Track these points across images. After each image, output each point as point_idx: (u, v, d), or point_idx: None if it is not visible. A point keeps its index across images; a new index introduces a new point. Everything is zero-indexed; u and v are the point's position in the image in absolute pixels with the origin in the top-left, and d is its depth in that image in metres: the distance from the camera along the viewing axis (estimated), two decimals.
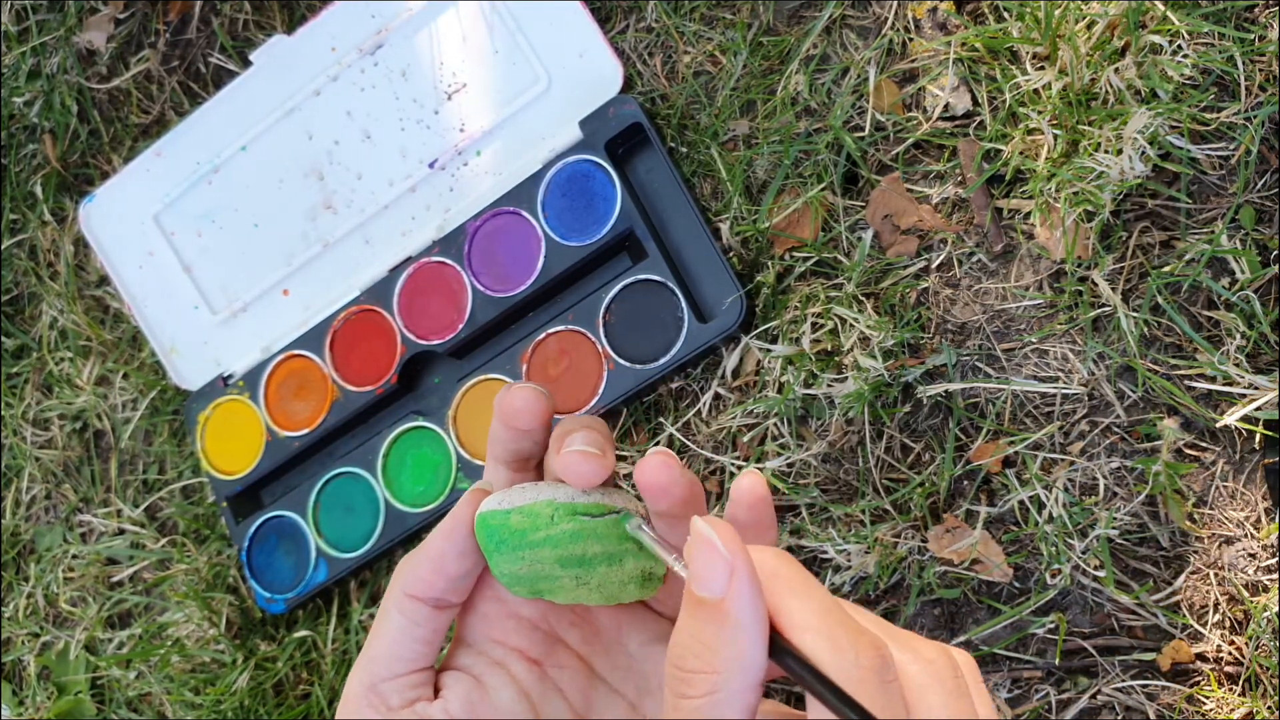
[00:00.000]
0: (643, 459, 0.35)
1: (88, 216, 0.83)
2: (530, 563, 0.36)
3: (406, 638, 0.38)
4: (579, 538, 0.36)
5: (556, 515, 0.35)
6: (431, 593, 0.38)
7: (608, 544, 0.36)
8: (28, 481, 0.88)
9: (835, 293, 0.66)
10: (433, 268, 0.74)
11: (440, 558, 0.38)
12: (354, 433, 0.78)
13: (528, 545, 0.36)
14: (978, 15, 0.65)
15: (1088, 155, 0.59)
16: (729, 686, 0.29)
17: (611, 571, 0.37)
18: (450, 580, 0.38)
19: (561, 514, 0.35)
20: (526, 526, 0.36)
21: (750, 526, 0.35)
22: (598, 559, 0.36)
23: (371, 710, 0.37)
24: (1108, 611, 0.60)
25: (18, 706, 0.86)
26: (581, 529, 0.36)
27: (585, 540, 0.36)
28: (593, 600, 0.38)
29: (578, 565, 0.36)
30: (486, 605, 0.39)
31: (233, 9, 0.85)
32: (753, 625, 0.28)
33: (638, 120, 0.69)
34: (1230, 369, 0.57)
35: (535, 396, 0.37)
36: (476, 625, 0.39)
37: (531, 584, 0.37)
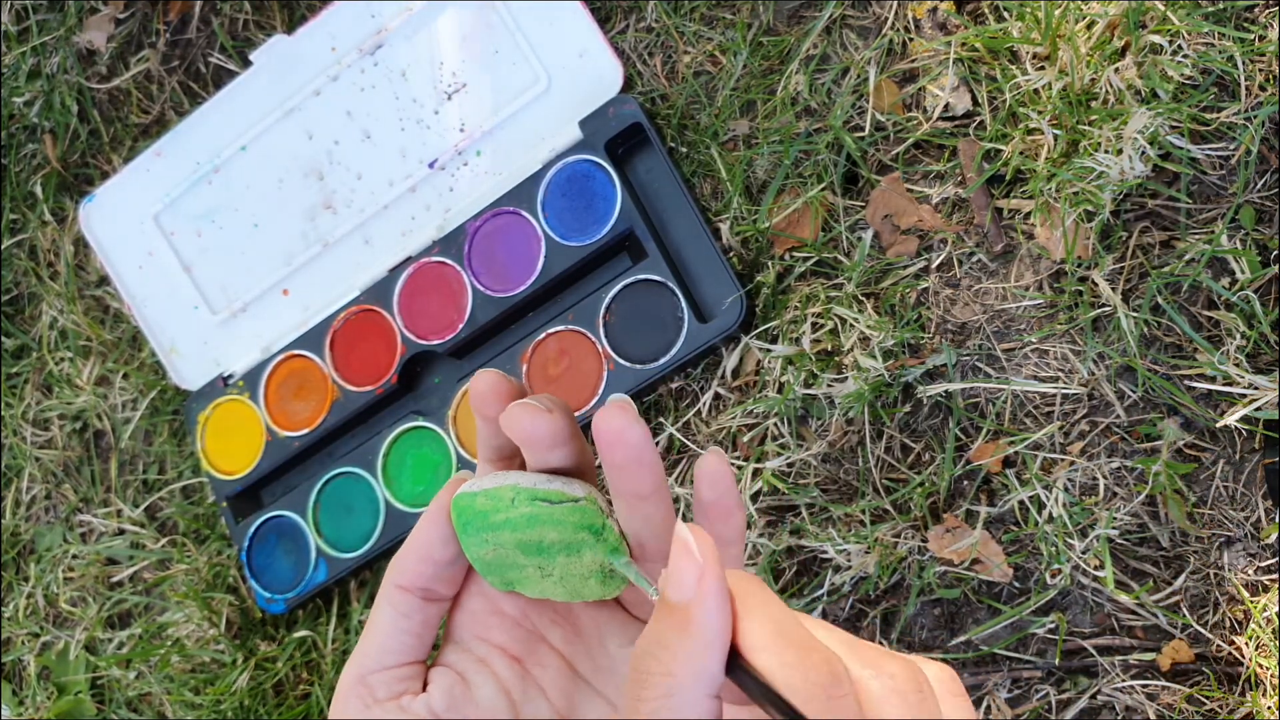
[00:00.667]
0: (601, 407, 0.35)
1: (88, 216, 0.83)
2: (494, 546, 0.37)
3: (395, 630, 0.38)
4: (535, 522, 0.36)
5: (517, 499, 0.36)
6: (419, 581, 0.38)
7: (564, 532, 0.36)
8: (28, 481, 0.88)
9: (835, 293, 0.66)
10: (433, 268, 0.74)
11: (425, 544, 0.38)
12: (354, 433, 0.78)
13: (490, 527, 0.37)
14: (978, 15, 0.65)
15: (1088, 155, 0.59)
16: (684, 692, 0.29)
17: (570, 563, 0.37)
18: (436, 567, 0.38)
19: (522, 498, 0.36)
20: (489, 508, 0.36)
21: (715, 504, 0.36)
22: (555, 547, 0.37)
23: (359, 702, 0.38)
24: (1108, 611, 0.60)
25: (18, 706, 0.86)
26: (538, 514, 0.36)
27: (542, 526, 0.36)
28: (559, 595, 0.38)
29: (538, 553, 0.37)
30: (472, 601, 0.40)
31: (233, 9, 0.85)
32: (714, 635, 0.29)
33: (638, 120, 0.69)
34: (1230, 369, 0.57)
35: (497, 380, 0.38)
36: (463, 622, 0.40)
37: (501, 572, 0.38)
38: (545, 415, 0.36)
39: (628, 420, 0.35)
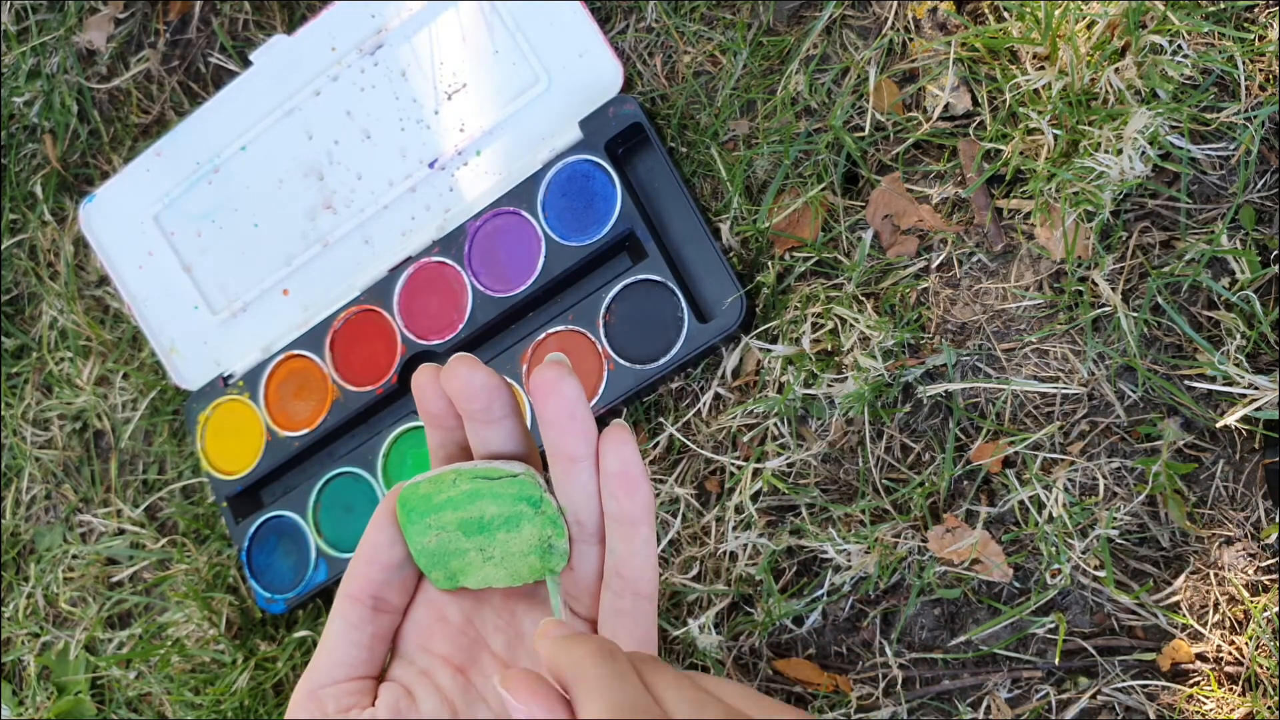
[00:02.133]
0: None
1: (88, 216, 0.83)
2: (437, 531, 0.38)
3: (345, 642, 0.39)
4: (476, 497, 0.37)
5: (459, 479, 0.37)
6: (368, 588, 0.39)
7: (503, 504, 0.37)
8: (28, 481, 0.88)
9: (835, 293, 0.66)
10: (433, 268, 0.74)
11: (372, 548, 0.39)
12: (354, 433, 0.78)
13: (433, 509, 0.38)
14: (978, 15, 0.65)
15: (1088, 155, 0.59)
16: None
17: (510, 539, 0.38)
18: (385, 571, 0.39)
19: (463, 477, 0.37)
20: (431, 492, 0.38)
21: (620, 475, 0.36)
22: (496, 522, 0.38)
23: (307, 715, 0.38)
24: (1108, 611, 0.60)
25: (18, 706, 0.86)
26: (479, 489, 0.37)
27: (482, 499, 0.37)
28: (501, 579, 0.39)
29: (479, 531, 0.38)
30: (417, 611, 0.40)
31: (233, 9, 0.85)
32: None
33: (638, 120, 0.69)
34: (1230, 369, 0.57)
35: (436, 373, 0.39)
36: (408, 633, 0.40)
37: (444, 562, 0.39)
38: (482, 368, 0.36)
39: (561, 373, 0.36)
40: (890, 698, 0.62)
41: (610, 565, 0.38)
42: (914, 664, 0.63)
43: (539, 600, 0.40)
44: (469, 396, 0.37)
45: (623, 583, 0.38)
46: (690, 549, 0.68)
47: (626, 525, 0.37)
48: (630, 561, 0.37)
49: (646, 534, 0.37)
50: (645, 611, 0.38)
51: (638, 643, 0.38)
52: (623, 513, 0.37)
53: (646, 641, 0.38)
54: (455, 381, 0.37)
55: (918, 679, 0.63)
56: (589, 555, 0.39)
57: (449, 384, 0.37)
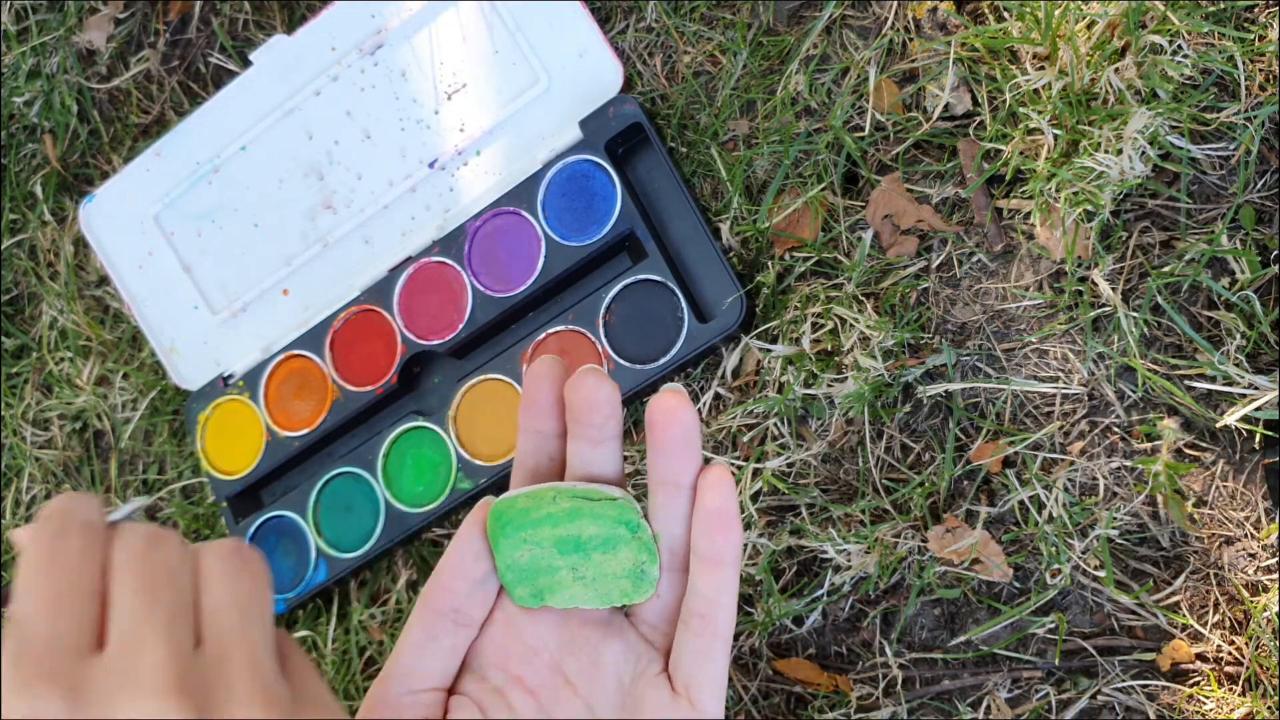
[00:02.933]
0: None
1: (88, 216, 0.83)
2: (530, 546, 0.38)
3: (422, 654, 0.38)
4: (576, 515, 0.37)
5: (559, 496, 0.37)
6: (450, 600, 0.38)
7: (603, 526, 0.37)
8: (28, 481, 0.88)
9: (835, 293, 0.66)
10: (433, 268, 0.74)
11: (458, 559, 0.39)
12: (354, 433, 0.78)
13: (530, 524, 0.37)
14: (978, 15, 0.65)
15: (1088, 155, 0.59)
16: None
17: (605, 560, 0.38)
18: (469, 584, 0.38)
19: (563, 496, 0.37)
20: (530, 506, 0.37)
21: (717, 512, 0.36)
22: (593, 542, 0.37)
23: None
24: (1108, 611, 0.60)
25: None
26: (579, 508, 0.37)
27: (582, 519, 0.37)
28: (589, 600, 0.38)
29: (575, 549, 0.38)
30: (494, 627, 0.40)
31: (233, 9, 0.85)
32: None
33: (638, 120, 0.69)
34: (1230, 369, 0.57)
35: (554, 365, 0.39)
36: (484, 649, 0.40)
37: (533, 579, 0.38)
38: (609, 382, 0.36)
39: (682, 401, 0.36)
40: (890, 698, 0.62)
41: (691, 604, 0.38)
42: (914, 664, 0.63)
43: (616, 630, 0.40)
44: (591, 409, 0.37)
45: (703, 623, 0.38)
46: None
47: (714, 565, 0.37)
48: (713, 601, 0.37)
49: (731, 575, 0.37)
50: (720, 654, 0.38)
51: (712, 683, 0.38)
52: (714, 552, 0.37)
53: (718, 681, 0.38)
54: (581, 391, 0.37)
55: (918, 679, 0.63)
56: (676, 585, 0.39)
57: (574, 392, 0.37)
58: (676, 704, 0.38)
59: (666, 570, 0.38)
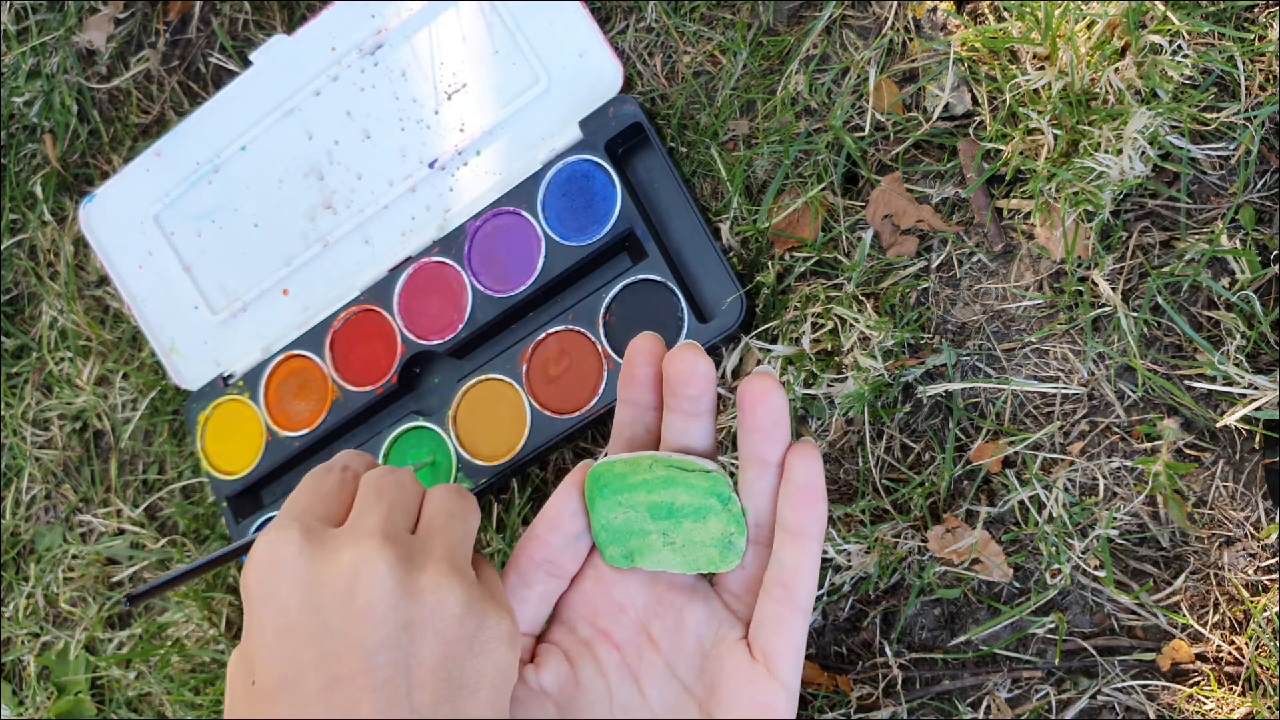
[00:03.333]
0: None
1: (88, 216, 0.83)
2: (625, 509, 0.39)
3: (515, 599, 0.41)
4: (671, 483, 0.39)
5: (655, 464, 0.39)
6: (545, 551, 0.41)
7: (695, 496, 0.39)
8: (28, 481, 0.88)
9: (835, 293, 0.66)
10: (433, 268, 0.74)
11: (555, 515, 0.41)
12: (354, 433, 0.78)
13: (626, 488, 0.39)
14: (978, 15, 0.65)
15: (1088, 155, 0.59)
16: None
17: (696, 528, 0.39)
18: (564, 538, 0.41)
19: (659, 464, 0.39)
20: (627, 471, 0.39)
21: (804, 488, 0.38)
22: (685, 510, 0.39)
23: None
24: (1108, 611, 0.60)
25: (18, 706, 0.86)
26: (674, 477, 0.39)
27: (676, 487, 0.39)
28: (677, 565, 0.40)
29: (667, 515, 0.39)
30: (586, 583, 0.42)
31: (233, 9, 0.85)
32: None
33: (638, 120, 0.69)
34: (1230, 369, 0.57)
35: (655, 342, 0.42)
36: (574, 602, 0.42)
37: (625, 540, 0.40)
38: (706, 358, 0.38)
39: (772, 384, 0.38)
40: (890, 698, 0.62)
41: (774, 574, 0.39)
42: (914, 664, 0.63)
43: (701, 595, 0.41)
44: (688, 381, 0.39)
45: (785, 592, 0.39)
46: None
47: (800, 537, 0.38)
48: (796, 573, 0.39)
49: (815, 549, 0.39)
50: (800, 625, 0.40)
51: (790, 652, 0.40)
52: (800, 525, 0.38)
53: (797, 651, 0.40)
54: (679, 364, 0.39)
55: (918, 679, 0.63)
56: (760, 558, 0.40)
57: (672, 365, 0.39)
58: (754, 669, 0.39)
59: (752, 543, 0.40)
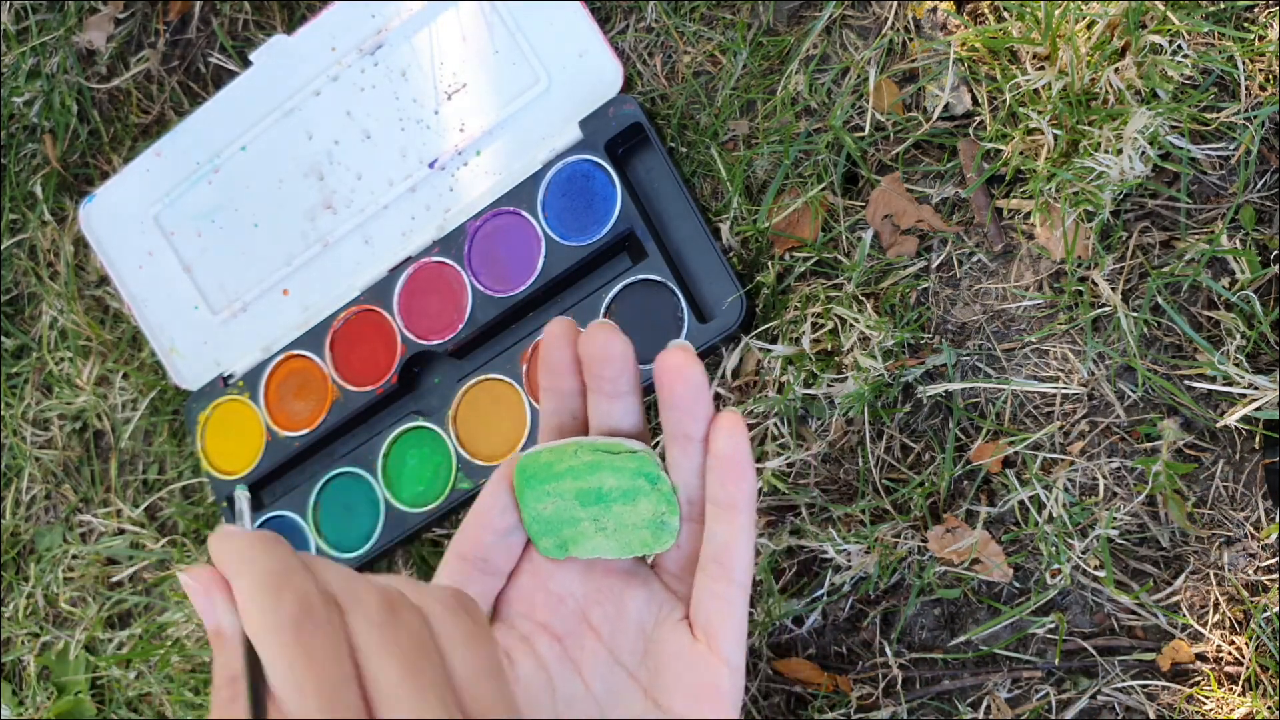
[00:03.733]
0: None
1: (88, 216, 0.83)
2: (554, 499, 0.39)
3: None
4: (597, 468, 0.38)
5: (580, 450, 0.39)
6: (478, 549, 0.40)
7: (622, 478, 0.38)
8: (28, 481, 0.88)
9: (835, 293, 0.66)
10: (433, 268, 0.74)
11: (485, 511, 0.40)
12: (354, 433, 0.78)
13: (553, 477, 0.39)
14: (978, 15, 0.65)
15: (1088, 155, 0.59)
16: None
17: (627, 511, 0.39)
18: (495, 534, 0.40)
19: (585, 449, 0.39)
20: (553, 460, 0.39)
21: (729, 459, 0.37)
22: (614, 494, 0.39)
23: None
24: (1108, 611, 0.60)
25: (18, 706, 0.86)
26: (600, 461, 0.38)
27: (603, 471, 0.38)
28: (611, 550, 0.40)
29: (596, 501, 0.39)
30: (522, 577, 0.41)
31: (233, 9, 0.85)
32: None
33: (638, 120, 0.69)
34: (1230, 369, 0.57)
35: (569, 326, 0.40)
36: (512, 598, 0.41)
37: (557, 530, 0.39)
38: (621, 336, 0.37)
39: (689, 357, 0.37)
40: (890, 698, 0.62)
41: (708, 551, 0.39)
42: (914, 664, 0.63)
43: (640, 579, 0.41)
44: (604, 361, 0.38)
45: (720, 568, 0.38)
46: None
47: (729, 510, 0.38)
48: (730, 548, 0.38)
49: (746, 521, 0.38)
50: (739, 599, 0.39)
51: (731, 628, 0.39)
52: (727, 497, 0.38)
53: (738, 627, 0.39)
54: (593, 345, 0.38)
55: (918, 679, 0.63)
56: (696, 535, 0.40)
57: (586, 346, 0.38)
58: (696, 649, 0.39)
59: (686, 520, 0.39)
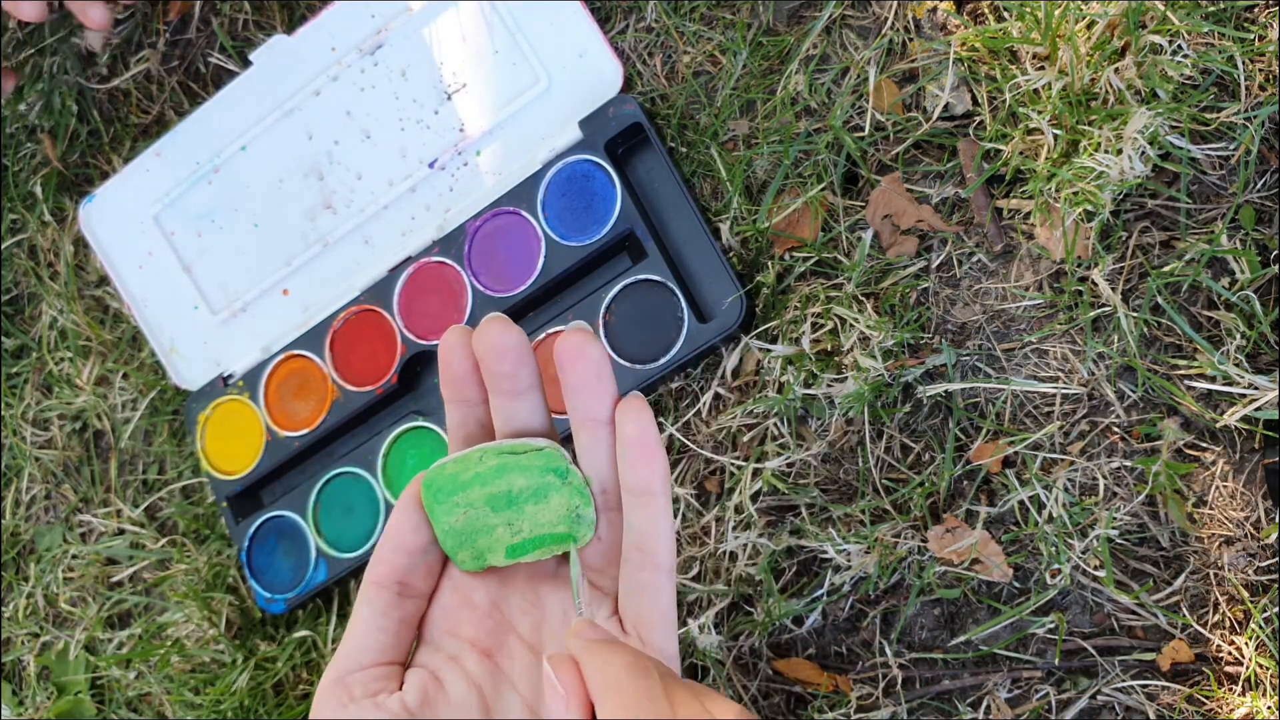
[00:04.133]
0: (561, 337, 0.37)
1: (88, 216, 0.83)
2: (464, 509, 0.38)
3: (371, 628, 0.39)
4: (503, 471, 0.38)
5: (484, 455, 0.38)
6: (394, 574, 0.39)
7: (531, 477, 0.38)
8: (28, 481, 0.88)
9: (835, 293, 0.66)
10: (433, 268, 0.74)
11: (397, 534, 0.39)
12: (354, 433, 0.78)
13: (460, 487, 0.38)
14: (978, 15, 0.65)
15: (1088, 155, 0.59)
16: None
17: (539, 510, 0.38)
18: (410, 556, 0.39)
19: (489, 454, 0.38)
20: (458, 470, 0.38)
21: (637, 443, 0.36)
22: (524, 494, 0.38)
23: (335, 701, 0.38)
24: (1108, 611, 0.60)
25: (18, 706, 0.86)
26: (505, 464, 0.38)
27: (510, 473, 0.38)
28: (529, 554, 0.39)
29: (507, 505, 0.38)
30: (444, 597, 0.40)
31: (233, 9, 0.85)
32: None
33: (638, 120, 0.69)
34: (1230, 369, 0.57)
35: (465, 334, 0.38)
36: (435, 619, 0.40)
37: (472, 541, 0.39)
38: (515, 329, 0.37)
39: (587, 338, 0.36)
40: (890, 698, 0.62)
41: (629, 540, 0.38)
42: (914, 664, 0.63)
43: (563, 581, 0.40)
44: (499, 356, 0.37)
45: (642, 556, 0.38)
46: (690, 549, 0.68)
47: (644, 496, 0.37)
48: (649, 534, 0.37)
49: (663, 505, 0.37)
50: (665, 586, 0.38)
51: (659, 617, 0.38)
52: (640, 483, 0.37)
53: (667, 615, 0.38)
54: (487, 339, 0.37)
55: (918, 679, 0.63)
56: (616, 525, 0.39)
57: (480, 341, 0.37)
58: (627, 642, 0.37)
59: (603, 511, 0.39)
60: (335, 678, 0.38)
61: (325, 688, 0.38)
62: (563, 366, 0.36)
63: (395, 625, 0.39)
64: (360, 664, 0.38)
